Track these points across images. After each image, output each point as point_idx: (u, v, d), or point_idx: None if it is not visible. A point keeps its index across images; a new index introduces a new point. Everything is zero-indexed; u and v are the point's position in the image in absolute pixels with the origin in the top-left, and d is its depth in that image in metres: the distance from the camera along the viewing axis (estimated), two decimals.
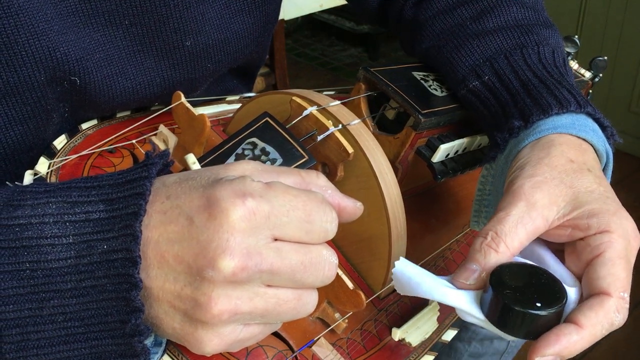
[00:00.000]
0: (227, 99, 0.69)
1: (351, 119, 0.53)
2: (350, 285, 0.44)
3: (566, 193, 0.44)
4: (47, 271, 0.34)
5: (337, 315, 0.47)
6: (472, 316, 0.42)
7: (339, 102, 0.55)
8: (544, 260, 0.45)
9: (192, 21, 0.57)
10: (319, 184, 0.40)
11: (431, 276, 0.43)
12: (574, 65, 0.78)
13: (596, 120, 0.52)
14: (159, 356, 0.41)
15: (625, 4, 2.24)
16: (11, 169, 0.55)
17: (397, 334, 0.51)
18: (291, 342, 0.46)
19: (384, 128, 0.60)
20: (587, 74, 0.79)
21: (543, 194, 0.44)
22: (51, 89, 0.52)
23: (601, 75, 0.79)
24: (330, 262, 0.37)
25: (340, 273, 0.43)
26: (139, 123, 0.58)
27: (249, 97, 0.70)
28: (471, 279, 0.42)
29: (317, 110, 0.52)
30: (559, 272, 0.44)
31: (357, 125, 0.53)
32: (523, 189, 0.44)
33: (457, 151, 0.60)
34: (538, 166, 0.46)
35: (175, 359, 0.42)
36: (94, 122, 0.58)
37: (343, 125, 0.52)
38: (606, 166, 0.51)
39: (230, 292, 0.34)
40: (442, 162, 0.58)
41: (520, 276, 0.41)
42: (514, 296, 0.39)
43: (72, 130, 0.57)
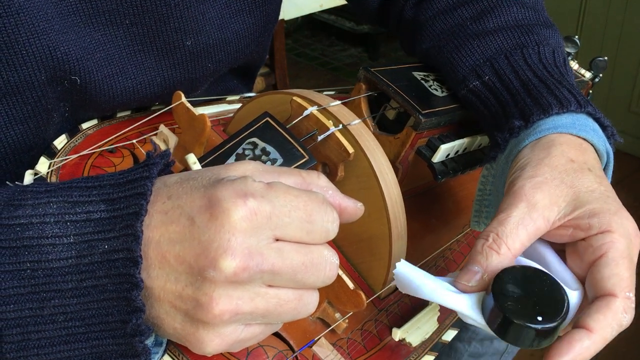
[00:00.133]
0: (228, 99, 0.69)
1: (352, 119, 0.53)
2: (350, 285, 0.44)
3: (567, 193, 0.44)
4: (47, 271, 0.34)
5: (337, 315, 0.47)
6: (473, 320, 0.41)
7: (339, 102, 0.55)
8: (547, 261, 0.45)
9: (192, 21, 0.57)
10: (320, 184, 0.40)
11: (431, 278, 0.43)
12: (574, 65, 0.78)
13: (596, 120, 0.52)
14: (160, 356, 0.41)
15: (625, 4, 2.24)
16: (11, 168, 0.55)
17: (398, 334, 0.51)
18: (291, 342, 0.46)
19: (385, 128, 0.60)
20: (587, 74, 0.79)
21: (544, 194, 0.44)
22: (52, 88, 0.52)
23: (601, 75, 0.79)
24: (331, 263, 0.37)
25: (340, 273, 0.43)
26: (139, 123, 0.58)
27: (249, 97, 0.70)
28: (473, 280, 0.42)
29: (317, 110, 0.52)
30: (561, 273, 0.44)
31: (357, 125, 0.53)
32: (524, 189, 0.44)
33: (457, 151, 0.60)
34: (538, 167, 0.46)
35: (175, 359, 0.42)
36: (95, 121, 0.58)
37: (343, 125, 0.52)
38: (607, 166, 0.51)
39: (232, 292, 0.34)
40: (442, 162, 0.58)
41: (522, 283, 0.40)
42: (514, 308, 0.39)
43: (72, 130, 0.56)
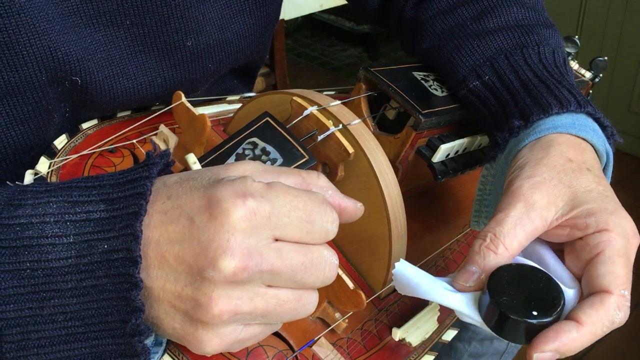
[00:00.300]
0: (228, 99, 0.69)
1: (351, 119, 0.53)
2: (350, 285, 0.44)
3: (565, 193, 0.44)
4: (47, 270, 0.34)
5: (337, 315, 0.47)
6: (470, 318, 0.42)
7: (339, 102, 0.55)
8: (544, 260, 0.45)
9: (193, 21, 0.57)
10: (320, 184, 0.40)
11: (430, 278, 0.43)
12: (574, 65, 0.78)
13: (596, 120, 0.52)
14: (159, 356, 0.41)
15: (625, 4, 2.24)
16: (12, 168, 0.55)
17: (398, 333, 0.51)
18: (291, 341, 0.46)
19: (385, 128, 0.60)
20: (587, 74, 0.79)
21: (541, 194, 0.44)
22: (52, 89, 0.52)
23: (601, 75, 0.79)
24: (330, 263, 0.38)
25: (340, 273, 0.43)
26: (139, 123, 0.58)
27: (249, 97, 0.70)
28: (470, 281, 0.42)
29: (317, 110, 0.52)
30: (558, 272, 0.44)
31: (357, 125, 0.53)
32: (522, 189, 0.44)
33: (457, 151, 0.60)
34: (537, 167, 0.46)
35: (175, 358, 0.42)
36: (95, 121, 0.58)
37: (343, 125, 0.52)
38: (606, 166, 0.51)
39: (231, 292, 0.34)
40: (442, 162, 0.58)
41: (518, 280, 0.41)
42: (510, 304, 0.39)
43: (72, 130, 0.56)
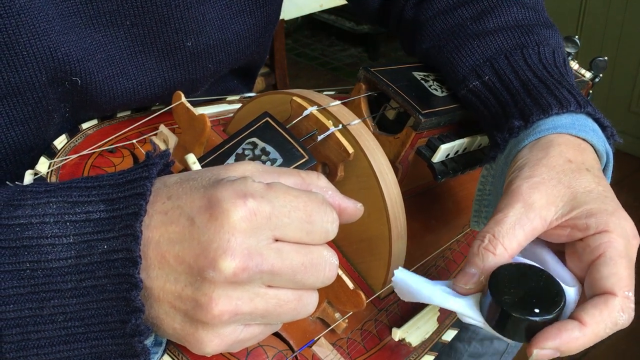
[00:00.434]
0: (228, 99, 0.69)
1: (351, 119, 0.53)
2: (350, 285, 0.44)
3: (564, 193, 0.44)
4: (47, 271, 0.34)
5: (337, 315, 0.47)
6: (472, 319, 0.42)
7: (339, 102, 0.55)
8: (544, 261, 0.45)
9: (193, 22, 0.57)
10: (320, 184, 0.40)
11: (429, 282, 0.43)
12: (574, 65, 0.78)
13: (596, 120, 0.52)
14: (159, 356, 0.41)
15: (625, 4, 2.24)
16: (12, 169, 0.55)
17: (397, 334, 0.51)
18: (291, 342, 0.46)
19: (384, 128, 0.60)
20: (587, 74, 0.79)
21: (541, 194, 0.44)
22: (52, 89, 0.52)
23: (601, 75, 0.79)
24: (330, 263, 0.38)
25: (340, 273, 0.43)
26: (139, 123, 0.58)
27: (249, 97, 0.70)
28: (470, 283, 0.42)
29: (317, 110, 0.52)
30: (558, 272, 0.44)
31: (357, 125, 0.53)
32: (521, 190, 0.44)
33: (457, 151, 0.60)
34: (536, 167, 0.46)
35: (175, 358, 0.42)
36: (95, 122, 0.58)
37: (343, 125, 0.52)
38: (606, 166, 0.51)
39: (231, 292, 0.34)
40: (442, 162, 0.58)
41: (518, 279, 0.41)
42: (512, 302, 0.39)
43: (72, 130, 0.56)
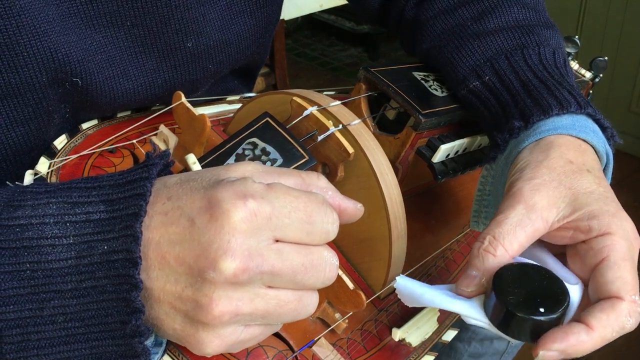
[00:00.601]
0: (228, 99, 0.69)
1: (351, 119, 0.53)
2: (350, 285, 0.44)
3: (566, 194, 0.44)
4: (47, 272, 0.34)
5: (337, 315, 0.47)
6: (476, 320, 0.42)
7: (339, 102, 0.55)
8: (545, 262, 0.45)
9: (193, 22, 0.57)
10: (320, 185, 0.40)
11: (431, 287, 0.43)
12: (574, 65, 0.78)
13: (596, 121, 0.52)
14: (159, 356, 0.41)
15: (625, 4, 2.24)
16: (12, 169, 0.55)
17: (398, 334, 0.51)
18: (291, 342, 0.46)
19: (385, 128, 0.60)
20: (588, 74, 0.79)
21: (542, 196, 0.44)
22: (53, 90, 0.52)
23: (601, 75, 0.79)
24: (331, 264, 0.37)
25: (340, 273, 0.43)
26: (139, 123, 0.58)
27: (249, 97, 0.70)
28: (472, 285, 0.42)
29: (317, 110, 0.52)
30: (560, 272, 0.44)
31: (357, 126, 0.53)
32: (522, 191, 0.44)
33: (457, 151, 0.60)
34: (537, 169, 0.46)
35: (175, 359, 0.42)
36: (95, 122, 0.58)
37: (343, 125, 0.52)
38: (606, 167, 0.51)
39: (231, 293, 0.34)
40: (442, 162, 0.58)
41: (522, 278, 0.41)
42: (516, 302, 0.39)
43: (72, 130, 0.56)
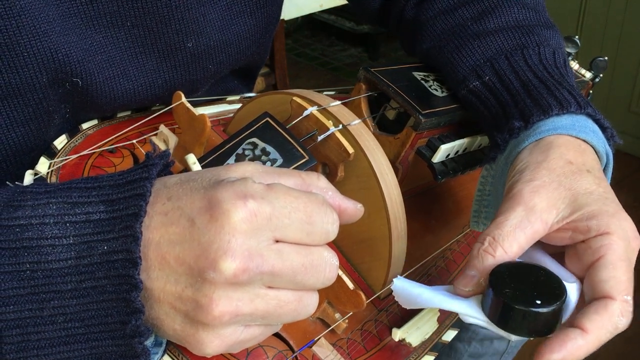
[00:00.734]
0: (228, 99, 0.69)
1: (351, 119, 0.53)
2: (350, 285, 0.44)
3: (565, 195, 0.44)
4: (47, 272, 0.34)
5: (337, 315, 0.47)
6: (474, 318, 0.42)
7: (339, 102, 0.55)
8: (543, 264, 0.45)
9: (193, 22, 0.57)
10: (320, 185, 0.40)
11: (429, 288, 0.43)
12: (574, 65, 0.78)
13: (596, 122, 0.52)
14: (159, 356, 0.41)
15: (625, 4, 2.24)
16: (12, 170, 0.55)
17: (398, 334, 0.51)
18: (291, 342, 0.46)
19: (385, 128, 0.60)
20: (588, 74, 0.79)
21: (541, 197, 0.44)
22: (53, 90, 0.52)
23: (601, 75, 0.79)
24: (331, 264, 0.37)
25: (340, 273, 0.43)
26: (139, 123, 0.58)
27: (249, 97, 0.70)
28: (470, 285, 0.42)
29: (317, 110, 0.52)
30: (557, 271, 0.44)
31: (357, 126, 0.53)
32: (522, 193, 0.44)
33: (457, 151, 0.60)
34: (536, 170, 0.46)
35: (175, 359, 0.42)
36: (95, 122, 0.58)
37: (343, 125, 0.52)
38: (606, 167, 0.51)
39: (231, 293, 0.34)
40: (442, 162, 0.58)
41: (519, 275, 0.41)
42: (513, 295, 0.39)
43: (72, 130, 0.56)
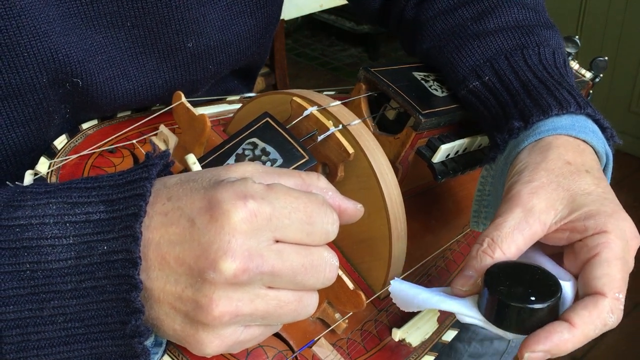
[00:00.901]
0: (228, 99, 0.69)
1: (352, 119, 0.53)
2: (350, 285, 0.44)
3: (563, 196, 0.44)
4: (47, 272, 0.34)
5: (337, 315, 0.47)
6: (471, 317, 0.42)
7: (339, 102, 0.55)
8: (540, 263, 0.45)
9: (193, 23, 0.57)
10: (320, 185, 0.40)
11: (426, 289, 0.44)
12: (574, 65, 0.78)
13: (596, 122, 0.52)
14: (159, 356, 0.41)
15: (625, 4, 2.24)
16: (12, 170, 0.55)
17: (398, 334, 0.51)
18: (291, 342, 0.46)
19: (385, 128, 0.60)
20: (588, 74, 0.79)
21: (540, 198, 0.44)
22: (53, 90, 0.52)
23: (601, 75, 0.79)
24: (331, 264, 0.38)
25: (340, 273, 0.43)
26: (139, 123, 0.58)
27: (249, 97, 0.70)
28: (467, 285, 0.43)
29: (317, 110, 0.52)
30: (553, 270, 0.44)
31: (357, 126, 0.53)
32: (520, 195, 0.44)
33: (457, 151, 0.60)
34: (535, 171, 0.46)
35: (175, 359, 0.42)
36: (95, 122, 0.58)
37: (343, 125, 0.52)
38: (606, 167, 0.51)
39: (231, 294, 0.34)
40: (442, 162, 0.58)
41: (514, 274, 0.41)
42: (508, 293, 0.39)
43: (72, 130, 0.56)
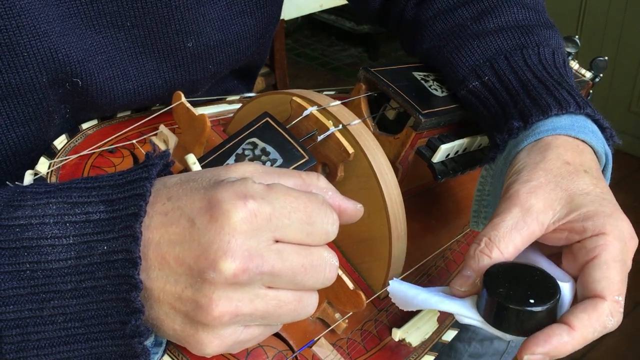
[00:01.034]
0: (228, 99, 0.69)
1: (351, 119, 0.53)
2: (350, 285, 0.44)
3: (562, 196, 0.44)
4: (47, 272, 0.34)
5: (337, 315, 0.47)
6: (469, 318, 0.42)
7: (339, 102, 0.55)
8: (538, 264, 0.45)
9: (193, 22, 0.57)
10: (320, 185, 0.40)
11: (424, 289, 0.44)
12: (574, 65, 0.78)
13: (595, 122, 0.52)
14: (159, 356, 0.41)
15: (625, 4, 2.24)
16: (12, 170, 0.55)
17: (398, 334, 0.51)
18: (291, 342, 0.46)
19: (385, 128, 0.60)
20: (588, 74, 0.79)
21: (538, 198, 0.44)
22: (53, 90, 0.52)
23: (601, 75, 0.79)
24: (331, 264, 0.38)
25: (340, 273, 0.43)
26: (139, 123, 0.58)
27: (249, 97, 0.70)
28: (466, 285, 0.43)
29: (317, 110, 0.52)
30: (552, 271, 0.44)
31: (357, 126, 0.53)
32: (518, 194, 0.44)
33: (457, 151, 0.60)
34: (533, 171, 0.46)
35: (175, 359, 0.42)
36: (95, 122, 0.58)
37: (343, 125, 0.52)
38: (605, 168, 0.51)
39: (231, 294, 0.34)
40: (442, 162, 0.58)
41: (513, 275, 0.41)
42: (507, 295, 0.39)
43: (72, 130, 0.56)
